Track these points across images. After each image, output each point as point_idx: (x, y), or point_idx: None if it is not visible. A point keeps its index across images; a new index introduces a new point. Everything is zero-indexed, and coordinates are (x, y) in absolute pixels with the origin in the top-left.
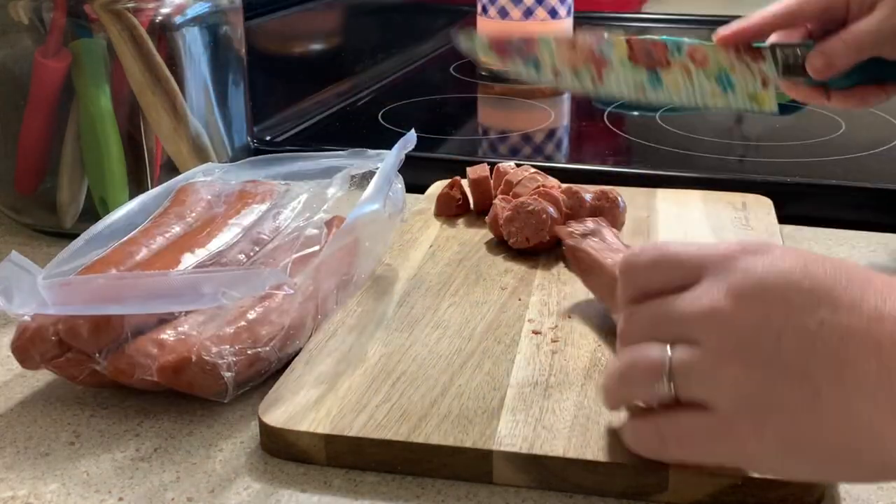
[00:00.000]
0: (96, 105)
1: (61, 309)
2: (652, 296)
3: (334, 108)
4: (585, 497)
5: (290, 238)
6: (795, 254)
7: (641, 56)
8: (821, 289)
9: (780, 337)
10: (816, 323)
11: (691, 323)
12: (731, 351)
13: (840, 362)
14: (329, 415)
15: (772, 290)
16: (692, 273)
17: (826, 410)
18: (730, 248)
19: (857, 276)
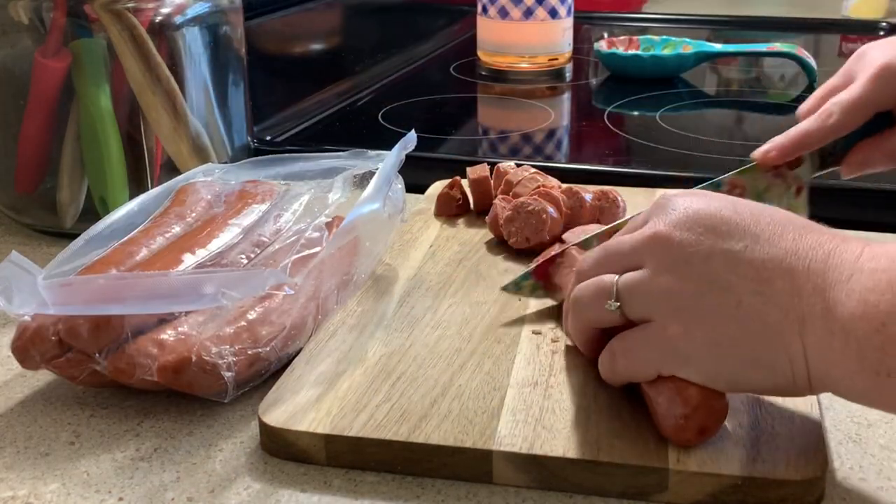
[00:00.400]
0: (96, 105)
1: (61, 309)
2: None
3: (334, 108)
4: (585, 497)
5: (290, 241)
6: (725, 197)
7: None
8: (745, 223)
9: (709, 257)
10: (741, 248)
11: (636, 249)
12: (666, 267)
13: (759, 280)
14: (329, 415)
15: (704, 220)
16: (639, 223)
17: (746, 317)
18: (667, 193)
19: (778, 216)
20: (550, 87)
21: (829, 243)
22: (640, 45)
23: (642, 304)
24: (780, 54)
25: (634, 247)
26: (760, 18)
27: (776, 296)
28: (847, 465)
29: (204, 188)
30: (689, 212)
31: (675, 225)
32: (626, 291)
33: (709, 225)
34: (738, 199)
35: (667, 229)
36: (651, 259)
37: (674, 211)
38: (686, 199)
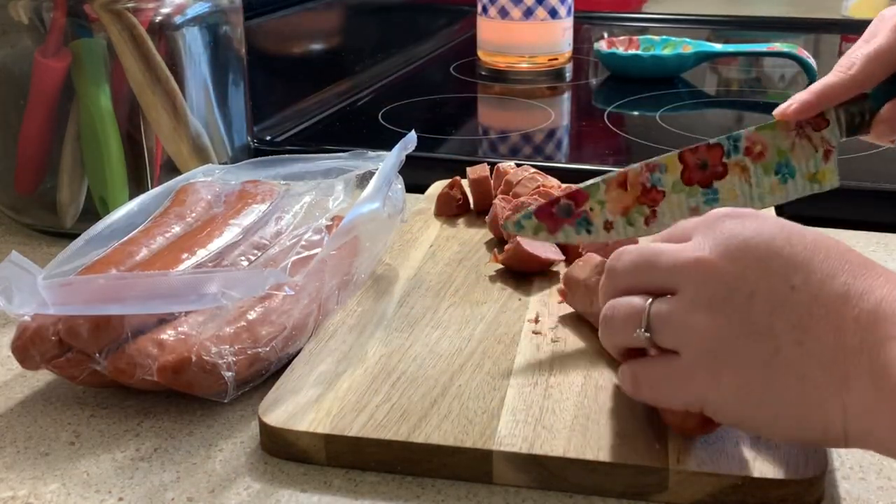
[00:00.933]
0: (96, 105)
1: (61, 309)
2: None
3: (334, 108)
4: (585, 497)
5: (291, 243)
6: (781, 223)
7: (696, 172)
8: (798, 258)
9: (752, 295)
10: (788, 288)
11: (674, 271)
12: (705, 302)
13: (803, 328)
14: (329, 415)
15: (753, 251)
16: (682, 235)
17: (781, 369)
18: (719, 212)
19: (835, 251)
20: (550, 87)
21: (882, 289)
22: (640, 45)
23: (673, 336)
24: (780, 54)
25: (674, 267)
26: (760, 18)
27: (818, 349)
28: (847, 465)
29: (204, 188)
30: (740, 239)
31: (722, 252)
32: (658, 320)
33: (758, 256)
34: (794, 227)
35: (711, 257)
36: (689, 287)
37: (723, 234)
38: (738, 223)
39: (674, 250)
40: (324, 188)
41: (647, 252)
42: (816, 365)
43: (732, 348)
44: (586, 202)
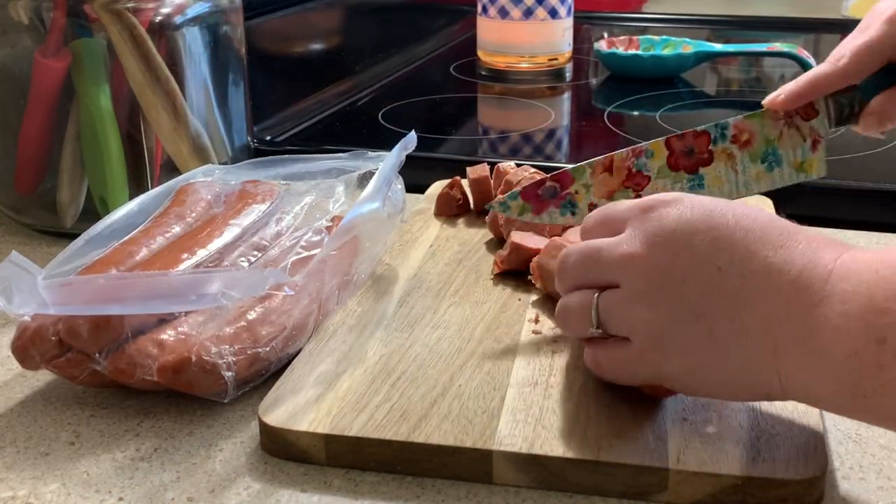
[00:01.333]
0: (96, 105)
1: (61, 309)
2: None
3: (334, 108)
4: (585, 497)
5: (290, 244)
6: (704, 203)
7: (682, 158)
8: (720, 238)
9: (683, 281)
10: (715, 269)
11: (611, 268)
12: (642, 293)
13: (733, 306)
14: (329, 415)
15: (679, 239)
16: (617, 227)
17: (718, 346)
18: (647, 201)
19: (756, 225)
20: (550, 87)
21: (801, 259)
22: (640, 45)
23: (620, 327)
24: (780, 54)
25: (611, 263)
26: (760, 18)
27: (748, 323)
28: (847, 465)
29: (204, 188)
30: (666, 229)
31: (651, 244)
32: (605, 314)
33: (683, 243)
34: (716, 207)
35: (642, 251)
36: (626, 281)
37: (650, 226)
38: (663, 213)
39: (610, 246)
40: (324, 190)
41: (589, 251)
42: (748, 339)
43: (673, 332)
44: (572, 185)
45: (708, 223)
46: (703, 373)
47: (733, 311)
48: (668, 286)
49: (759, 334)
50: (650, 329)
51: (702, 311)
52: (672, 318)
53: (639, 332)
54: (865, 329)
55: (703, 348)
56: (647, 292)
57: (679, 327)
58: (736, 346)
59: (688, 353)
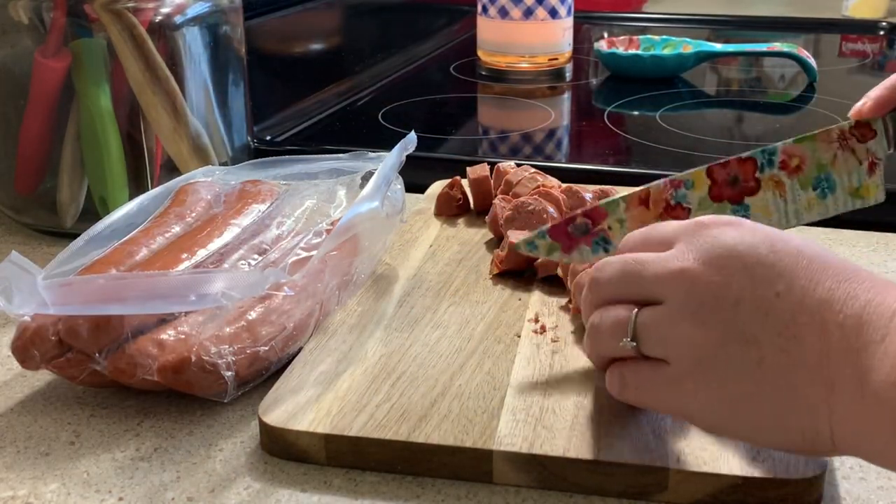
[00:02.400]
0: (96, 105)
1: (61, 309)
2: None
3: (334, 108)
4: (585, 497)
5: (290, 246)
6: (763, 230)
7: (726, 188)
8: (782, 264)
9: (738, 303)
10: (773, 295)
11: (660, 282)
12: (691, 311)
13: (788, 336)
14: (329, 414)
15: (738, 259)
16: (665, 244)
17: (767, 377)
18: (703, 219)
19: (818, 257)
20: (550, 87)
21: (866, 294)
22: (640, 45)
23: (659, 345)
24: (780, 54)
25: (658, 277)
26: (760, 18)
27: (804, 355)
28: (847, 465)
29: (204, 188)
30: (724, 247)
31: (706, 261)
32: (644, 330)
33: (742, 264)
34: (777, 234)
35: (695, 266)
36: (674, 297)
37: (706, 242)
38: (721, 231)
39: (658, 260)
40: (326, 194)
41: (632, 262)
42: (802, 372)
43: (719, 357)
44: (605, 220)
45: (770, 247)
46: (742, 408)
47: (787, 340)
48: (721, 306)
49: (813, 368)
50: (694, 351)
51: (754, 338)
52: (720, 341)
53: (680, 354)
54: None
55: (749, 378)
56: (697, 311)
57: (726, 352)
58: (787, 379)
59: (731, 383)
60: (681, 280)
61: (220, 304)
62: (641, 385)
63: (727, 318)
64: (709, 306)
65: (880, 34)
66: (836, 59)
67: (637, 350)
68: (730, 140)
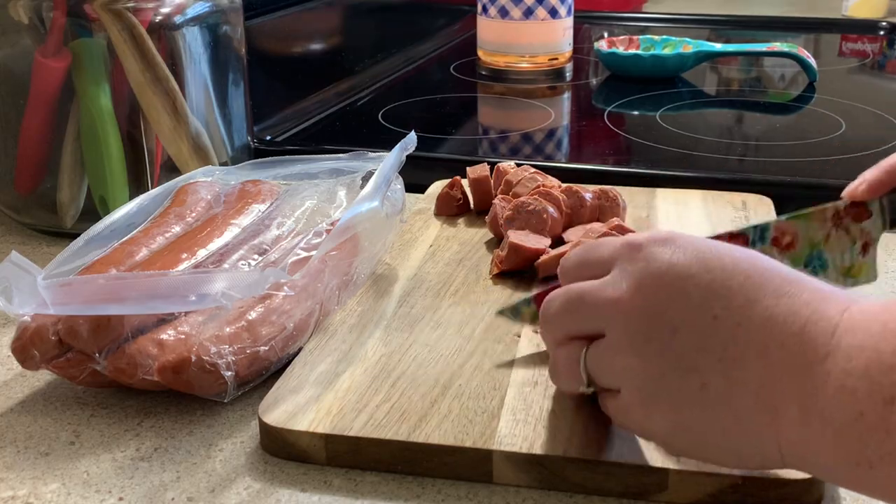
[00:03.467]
0: (96, 105)
1: (61, 309)
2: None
3: (334, 108)
4: (585, 497)
5: (290, 246)
6: (698, 245)
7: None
8: (717, 284)
9: (675, 331)
10: (710, 318)
11: (598, 313)
12: (629, 342)
13: (729, 359)
14: (329, 414)
15: (671, 284)
16: (602, 268)
17: (710, 403)
18: (635, 239)
19: (755, 271)
20: (550, 87)
21: (805, 310)
22: (641, 45)
23: (608, 379)
24: (780, 54)
25: (596, 309)
26: (760, 18)
27: (746, 379)
28: None
29: (204, 188)
30: (656, 272)
31: (639, 288)
32: (594, 367)
33: (676, 288)
34: (712, 249)
35: (629, 295)
36: (612, 329)
37: (638, 268)
38: (653, 253)
39: (593, 290)
40: (326, 194)
41: (572, 296)
42: (745, 396)
43: (660, 386)
44: None
45: (704, 266)
46: (693, 434)
47: (729, 364)
48: (658, 335)
49: (756, 392)
50: (636, 381)
51: (694, 365)
52: (661, 370)
53: (625, 384)
54: (871, 388)
55: (693, 406)
56: (634, 341)
57: (667, 381)
58: (731, 404)
59: (676, 411)
60: (616, 311)
61: (220, 304)
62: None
63: (665, 345)
64: (645, 335)
65: (880, 34)
66: (836, 59)
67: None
68: (730, 140)
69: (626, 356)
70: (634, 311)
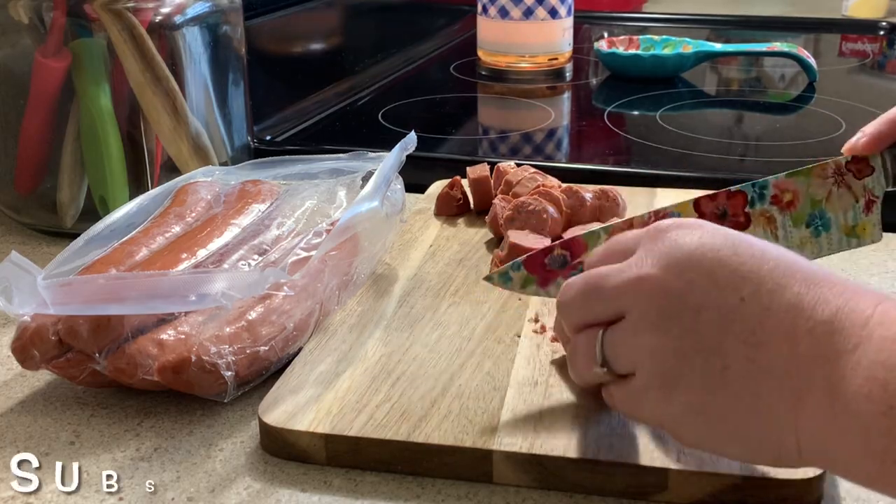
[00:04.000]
0: (96, 105)
1: (61, 309)
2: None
3: (334, 108)
4: (585, 497)
5: (290, 246)
6: (726, 232)
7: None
8: (746, 267)
9: (700, 310)
10: (737, 300)
11: (620, 293)
12: (652, 321)
13: (753, 343)
14: (329, 414)
15: (699, 263)
16: (626, 253)
17: (732, 387)
18: (662, 223)
19: (784, 260)
20: (550, 87)
21: (837, 300)
22: (640, 45)
23: (626, 361)
24: (780, 54)
25: (617, 289)
26: (760, 18)
27: (771, 364)
28: None
29: (204, 188)
30: (684, 251)
31: (666, 267)
32: (611, 350)
33: (704, 269)
34: (740, 236)
35: (655, 272)
36: (635, 307)
37: (665, 247)
38: (681, 234)
39: (617, 271)
40: (326, 194)
41: (592, 279)
42: (768, 381)
43: (682, 367)
44: (584, 252)
45: (733, 249)
46: (710, 418)
47: (753, 348)
48: (682, 314)
49: (780, 377)
50: (656, 361)
51: (718, 346)
52: (682, 350)
53: (644, 365)
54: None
55: (714, 388)
56: (657, 319)
57: (689, 362)
58: (752, 389)
59: (696, 393)
60: (640, 288)
61: (220, 304)
62: (623, 401)
63: (689, 325)
64: (669, 314)
65: (880, 34)
66: (836, 59)
67: (611, 372)
68: (730, 140)
69: (647, 335)
70: (659, 288)
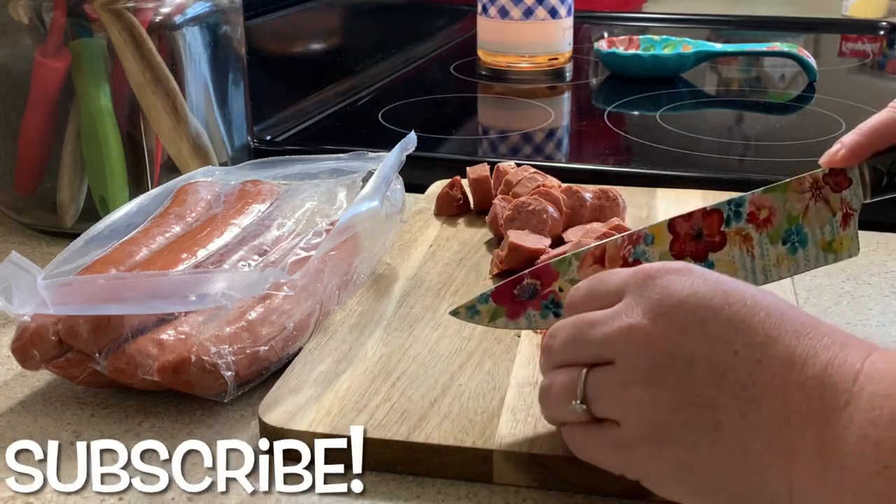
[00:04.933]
0: (96, 105)
1: (61, 309)
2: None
3: (334, 108)
4: (585, 497)
5: (290, 246)
6: (717, 278)
7: (689, 243)
8: (738, 318)
9: (692, 363)
10: (731, 353)
11: (608, 342)
12: (642, 373)
13: (746, 398)
14: (329, 414)
15: (691, 314)
16: (611, 298)
17: (723, 443)
18: (650, 267)
19: (775, 309)
20: (550, 87)
21: (826, 353)
22: (640, 45)
23: (610, 407)
24: (780, 54)
25: (606, 338)
26: (760, 18)
27: (763, 419)
28: None
29: (204, 188)
30: (674, 299)
31: (656, 316)
32: (594, 391)
33: (696, 319)
34: (731, 283)
35: (645, 322)
36: (624, 357)
37: (656, 295)
38: (671, 281)
39: (606, 318)
40: (326, 195)
41: (580, 326)
42: (761, 437)
43: (673, 422)
44: (555, 281)
45: (725, 299)
46: (699, 475)
47: (746, 403)
48: (674, 366)
49: (773, 433)
50: (646, 415)
51: (710, 400)
52: (674, 404)
53: (631, 417)
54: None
55: (705, 444)
56: (648, 371)
57: (682, 416)
58: (745, 445)
59: (685, 448)
60: (630, 338)
61: (220, 304)
62: (592, 447)
63: (681, 378)
64: (661, 366)
65: (880, 34)
66: (836, 59)
67: (588, 412)
68: (730, 140)
69: (638, 388)
70: (650, 338)
